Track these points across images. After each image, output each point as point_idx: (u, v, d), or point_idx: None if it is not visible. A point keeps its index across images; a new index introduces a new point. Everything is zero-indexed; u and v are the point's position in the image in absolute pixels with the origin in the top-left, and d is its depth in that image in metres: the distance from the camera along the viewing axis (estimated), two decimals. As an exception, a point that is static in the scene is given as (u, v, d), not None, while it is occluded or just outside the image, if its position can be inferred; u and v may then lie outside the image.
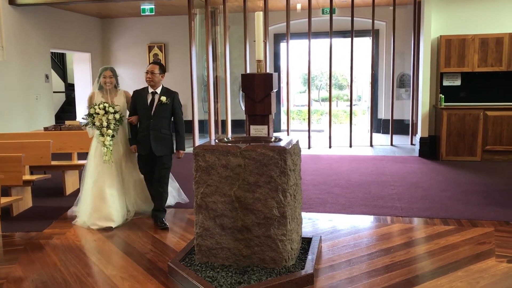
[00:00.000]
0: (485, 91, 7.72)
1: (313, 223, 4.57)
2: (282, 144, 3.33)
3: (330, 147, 8.97)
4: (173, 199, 5.17)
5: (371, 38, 9.55)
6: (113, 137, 4.57)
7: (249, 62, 8.73)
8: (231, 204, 3.31)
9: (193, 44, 8.60)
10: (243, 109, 6.27)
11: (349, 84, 9.40)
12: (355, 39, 8.96)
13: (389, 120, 9.33)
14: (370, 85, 9.61)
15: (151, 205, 4.84)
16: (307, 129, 9.05)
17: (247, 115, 3.77)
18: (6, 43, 8.34)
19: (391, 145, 9.05)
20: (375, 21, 9.15)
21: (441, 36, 7.52)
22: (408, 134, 9.33)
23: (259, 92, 3.66)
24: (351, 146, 8.99)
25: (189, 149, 6.64)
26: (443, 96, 7.61)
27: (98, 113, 4.49)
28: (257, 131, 3.73)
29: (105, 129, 4.50)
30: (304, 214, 4.66)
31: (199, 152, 3.35)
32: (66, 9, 10.04)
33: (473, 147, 7.40)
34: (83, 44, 10.89)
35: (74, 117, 10.96)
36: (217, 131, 9.23)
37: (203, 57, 9.44)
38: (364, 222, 4.60)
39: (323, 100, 14.79)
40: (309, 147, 8.90)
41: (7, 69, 8.43)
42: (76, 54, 11.10)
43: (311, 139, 9.07)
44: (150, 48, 11.44)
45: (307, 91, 9.06)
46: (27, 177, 5.25)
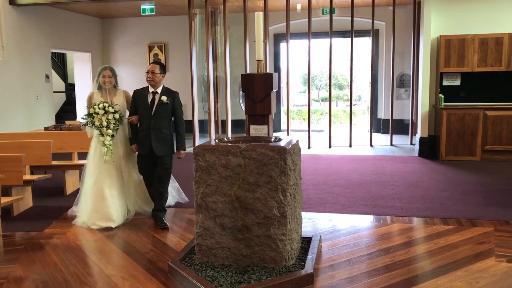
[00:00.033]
0: (485, 91, 7.72)
1: (313, 222, 4.57)
2: (282, 144, 3.34)
3: (330, 147, 8.98)
4: (173, 199, 5.18)
5: (371, 38, 9.56)
6: (113, 137, 4.56)
7: (249, 62, 8.73)
8: (231, 203, 3.32)
9: (193, 44, 8.60)
10: (243, 109, 6.28)
11: (349, 84, 9.40)
12: (355, 39, 8.96)
13: (389, 120, 9.34)
14: (370, 85, 9.61)
15: (151, 205, 4.84)
16: (307, 129, 9.06)
17: (247, 115, 3.78)
18: (6, 43, 8.35)
19: (391, 145, 9.06)
20: (375, 21, 9.16)
21: (440, 36, 7.52)
22: (407, 134, 9.34)
23: (259, 92, 3.67)
24: (351, 146, 9.00)
25: (189, 149, 6.65)
26: (442, 96, 7.61)
27: (97, 113, 4.47)
28: (257, 131, 3.74)
29: (105, 129, 4.50)
30: (304, 213, 4.67)
31: (199, 152, 3.35)
32: (66, 9, 10.05)
33: (473, 147, 7.41)
34: (83, 44, 10.90)
35: (74, 117, 10.97)
36: (217, 131, 9.24)
37: (203, 57, 9.45)
38: (364, 221, 4.60)
39: (323, 100, 14.79)
40: (309, 147, 8.91)
41: (8, 69, 8.44)
42: (76, 54, 11.10)
43: (311, 139, 9.08)
44: (150, 48, 11.44)
45: (307, 91, 9.07)
46: (27, 177, 5.26)
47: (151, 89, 4.57)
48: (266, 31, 8.77)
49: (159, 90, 4.57)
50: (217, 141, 3.55)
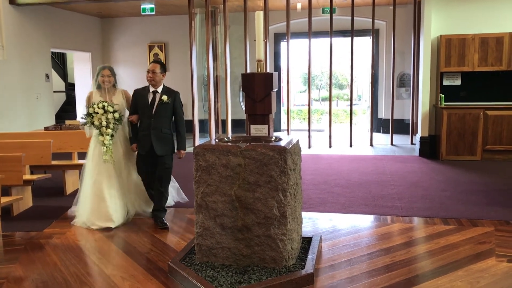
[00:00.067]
0: (485, 90, 7.72)
1: (313, 222, 4.57)
2: (282, 143, 3.33)
3: (330, 146, 8.97)
4: (173, 199, 5.16)
5: (371, 37, 9.55)
6: (112, 136, 4.54)
7: (249, 61, 8.73)
8: (231, 203, 3.31)
9: (194, 43, 8.60)
10: (243, 108, 6.28)
11: (349, 83, 9.39)
12: (355, 39, 8.95)
13: (389, 119, 9.33)
14: (370, 84, 9.61)
15: (151, 205, 4.83)
16: (307, 128, 9.05)
17: (248, 115, 3.77)
18: (6, 43, 8.34)
19: (391, 144, 9.05)
20: (375, 21, 9.15)
21: (441, 35, 7.52)
22: (408, 133, 9.33)
23: (259, 91, 3.66)
24: (351, 145, 8.99)
25: (189, 149, 6.65)
26: (443, 95, 7.60)
27: (97, 113, 4.45)
28: (257, 130, 3.73)
29: (104, 128, 4.48)
30: (304, 213, 4.67)
31: (200, 151, 3.35)
32: (66, 9, 10.05)
33: (473, 147, 7.40)
34: (83, 43, 10.90)
35: (74, 117, 10.96)
36: (217, 131, 9.24)
37: (204, 56, 9.44)
38: (364, 221, 4.60)
39: (323, 99, 14.78)
40: (309, 147, 8.90)
41: (8, 68, 8.43)
42: (76, 53, 11.10)
43: (311, 138, 9.07)
44: (150, 47, 11.44)
45: (307, 90, 9.06)
46: (27, 177, 5.25)
47: (151, 89, 4.55)
48: (266, 31, 8.77)
49: (160, 89, 4.56)
50: (217, 140, 3.55)
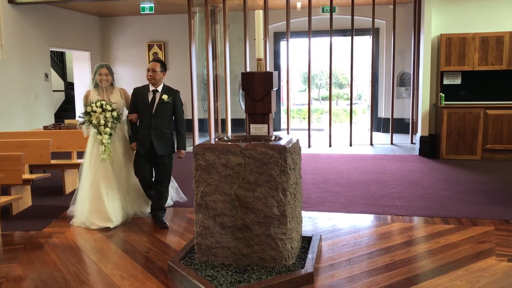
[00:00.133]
0: (486, 89, 7.71)
1: (313, 222, 4.56)
2: (282, 142, 3.33)
3: (330, 146, 8.96)
4: (172, 198, 5.13)
5: (371, 36, 9.54)
6: (110, 135, 4.51)
7: (249, 60, 8.72)
8: (231, 203, 3.30)
9: (193, 42, 8.58)
10: (243, 107, 6.26)
11: (349, 82, 9.39)
12: (355, 38, 8.94)
13: (389, 119, 9.32)
14: (370, 83, 9.60)
15: (150, 205, 4.81)
16: (307, 128, 9.05)
17: (247, 114, 3.76)
18: (5, 42, 8.33)
19: (391, 144, 9.04)
20: (375, 20, 9.14)
21: (441, 34, 7.51)
22: (408, 133, 9.33)
23: (259, 90, 3.65)
24: (351, 145, 8.99)
25: (189, 148, 6.63)
26: (443, 94, 7.60)
27: (95, 111, 4.41)
28: (257, 129, 3.73)
29: (102, 127, 4.44)
30: (304, 213, 4.66)
31: (199, 151, 3.34)
32: (65, 8, 10.03)
33: (473, 146, 7.39)
34: (82, 42, 10.89)
35: (73, 116, 10.95)
36: (217, 130, 9.23)
37: (203, 55, 9.43)
38: (364, 221, 4.59)
39: (323, 99, 14.78)
40: (309, 146, 8.90)
41: (7, 68, 8.42)
42: (75, 52, 11.09)
43: (311, 138, 9.07)
44: (149, 46, 11.43)
45: (307, 89, 9.06)
46: (26, 176, 5.24)
47: (151, 88, 4.51)
48: (266, 30, 8.76)
49: (160, 88, 4.52)
50: (217, 140, 3.54)
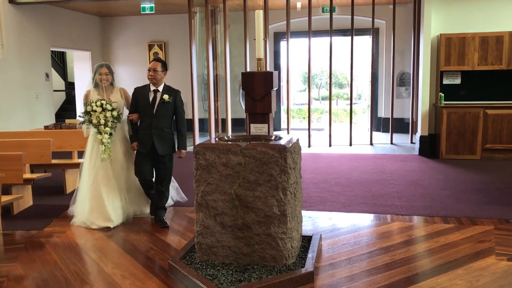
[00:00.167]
0: (485, 89, 7.72)
1: (313, 221, 4.57)
2: (282, 142, 3.33)
3: (330, 145, 8.97)
4: (172, 198, 5.13)
5: (371, 36, 9.54)
6: (110, 135, 4.49)
7: (249, 60, 8.73)
8: (231, 202, 3.31)
9: (193, 42, 8.59)
10: (243, 107, 6.27)
11: (349, 82, 9.40)
12: (355, 38, 8.95)
13: (389, 118, 9.33)
14: (370, 83, 9.60)
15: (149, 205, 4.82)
16: (307, 127, 9.05)
17: (247, 114, 3.77)
18: (6, 42, 8.34)
19: (391, 143, 9.05)
20: (375, 20, 9.15)
21: (441, 34, 7.51)
22: (408, 132, 9.33)
23: (259, 90, 3.66)
24: (351, 144, 8.99)
25: (189, 148, 6.65)
26: (443, 94, 7.60)
27: (95, 111, 4.40)
28: (257, 129, 3.73)
29: (102, 127, 4.43)
30: (304, 212, 4.67)
31: (200, 150, 3.35)
32: (66, 8, 10.04)
33: (473, 146, 7.40)
34: (83, 42, 10.89)
35: (74, 116, 10.96)
36: (217, 130, 9.24)
37: (203, 55, 9.44)
38: (364, 220, 4.60)
39: (323, 98, 14.78)
40: (309, 146, 8.91)
41: (8, 67, 8.43)
42: (76, 52, 11.10)
43: (311, 137, 9.07)
44: (150, 46, 11.44)
45: (307, 89, 9.06)
46: (27, 176, 5.25)
47: (152, 87, 4.50)
48: (266, 30, 8.77)
49: (161, 88, 4.51)
50: (217, 139, 3.55)
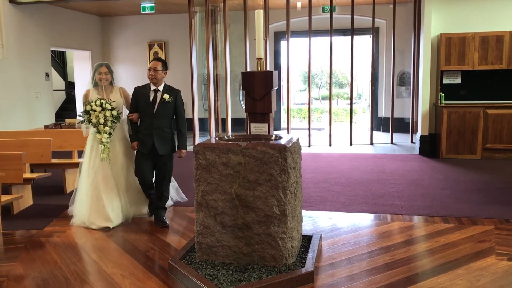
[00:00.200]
0: (486, 89, 7.72)
1: (313, 221, 4.57)
2: (282, 142, 3.33)
3: (330, 145, 8.97)
4: (172, 198, 5.12)
5: (371, 36, 9.54)
6: (110, 134, 4.47)
7: (249, 60, 8.73)
8: (231, 202, 3.31)
9: (193, 42, 8.59)
10: (243, 107, 6.28)
11: (350, 82, 9.39)
12: (355, 37, 8.95)
13: (390, 118, 9.33)
14: (370, 83, 9.60)
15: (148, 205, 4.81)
16: (307, 127, 9.05)
17: (248, 113, 3.77)
18: (6, 41, 8.34)
19: (391, 143, 9.05)
20: (375, 19, 9.14)
21: (441, 34, 7.51)
22: (408, 132, 9.33)
23: (259, 90, 3.66)
24: (351, 144, 8.99)
25: (190, 147, 6.64)
26: (443, 94, 7.60)
27: (94, 110, 4.39)
28: (258, 129, 3.73)
29: (102, 126, 4.41)
30: (304, 212, 4.67)
31: (200, 150, 3.35)
32: (66, 7, 10.04)
33: (473, 145, 7.40)
34: (83, 42, 10.89)
35: (74, 115, 10.95)
36: (217, 129, 9.24)
37: (203, 55, 9.44)
38: (364, 220, 4.60)
39: (323, 98, 14.78)
40: (309, 145, 8.90)
41: (8, 67, 8.43)
42: (76, 52, 11.09)
43: (312, 137, 9.07)
44: (150, 46, 11.43)
45: (307, 89, 9.06)
46: (27, 175, 5.25)
47: (152, 87, 4.48)
48: (266, 29, 8.76)
49: (161, 87, 4.49)
50: (217, 139, 3.54)
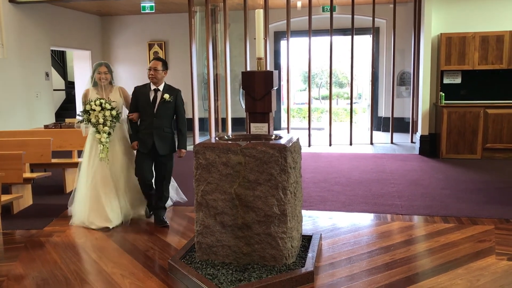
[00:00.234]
0: (486, 89, 7.72)
1: (313, 221, 4.57)
2: (282, 141, 3.33)
3: (330, 145, 8.97)
4: (172, 199, 5.10)
5: (372, 36, 9.54)
6: (109, 134, 4.46)
7: (249, 59, 8.72)
8: (231, 201, 3.31)
9: (193, 42, 8.59)
10: (243, 107, 6.27)
11: (350, 82, 9.39)
12: (355, 37, 8.95)
13: (390, 118, 9.33)
14: (370, 83, 9.60)
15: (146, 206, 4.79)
16: (308, 127, 9.05)
17: (248, 113, 3.77)
18: (6, 41, 8.33)
19: (391, 143, 9.05)
20: (376, 19, 9.14)
21: (441, 33, 7.51)
22: (408, 132, 9.33)
23: (259, 90, 3.66)
24: (351, 144, 8.99)
25: (190, 147, 6.64)
26: (443, 94, 7.60)
27: (94, 110, 4.37)
28: (258, 129, 3.73)
29: (101, 126, 4.39)
30: (304, 212, 4.67)
31: (200, 150, 3.35)
32: (66, 7, 10.04)
33: (473, 145, 7.40)
34: (83, 42, 10.89)
35: (74, 115, 10.93)
36: (217, 129, 9.24)
37: (203, 55, 9.44)
38: (364, 220, 4.60)
39: (324, 98, 14.78)
40: (309, 145, 8.90)
41: (7, 66, 8.43)
42: (76, 52, 11.09)
43: (312, 137, 9.07)
44: (150, 46, 11.43)
45: (308, 89, 9.06)
46: (27, 175, 5.25)
47: (153, 86, 4.47)
48: (266, 29, 8.76)
49: (161, 87, 4.48)
50: (217, 139, 3.54)
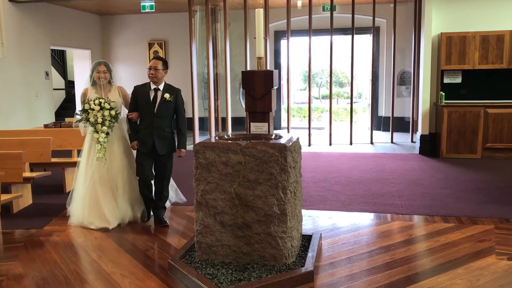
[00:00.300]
0: (486, 88, 7.71)
1: (313, 220, 4.57)
2: (282, 141, 3.33)
3: (330, 144, 8.96)
4: (171, 199, 5.05)
5: (372, 35, 9.52)
6: (107, 134, 4.43)
7: (250, 59, 8.72)
8: (231, 201, 3.31)
9: (193, 41, 8.58)
10: (243, 106, 6.27)
11: (350, 81, 9.39)
12: (355, 36, 8.94)
13: (390, 117, 9.33)
14: (370, 82, 9.60)
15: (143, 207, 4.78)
16: (308, 126, 9.05)
17: (248, 112, 3.76)
18: (6, 40, 8.33)
19: (392, 142, 9.05)
20: (376, 18, 9.13)
21: (441, 33, 7.50)
22: (408, 131, 9.33)
23: (260, 89, 3.65)
24: (351, 143, 8.99)
25: (189, 147, 6.64)
26: (443, 93, 7.60)
27: (93, 109, 4.35)
28: (258, 128, 3.73)
29: (99, 125, 4.37)
30: (304, 211, 4.66)
31: (199, 149, 3.34)
32: (66, 6, 10.03)
33: (474, 145, 7.40)
34: (83, 41, 10.89)
35: (74, 114, 10.94)
36: (217, 129, 9.23)
37: (203, 54, 9.43)
38: (364, 219, 4.60)
39: (324, 97, 14.77)
40: (309, 145, 8.90)
41: (7, 66, 8.42)
42: (76, 51, 11.09)
43: (312, 136, 9.07)
44: (150, 45, 11.43)
45: (308, 88, 9.06)
46: (27, 174, 5.25)
47: (152, 86, 4.44)
48: (266, 28, 8.75)
49: (161, 87, 4.45)
50: (217, 138, 3.54)
